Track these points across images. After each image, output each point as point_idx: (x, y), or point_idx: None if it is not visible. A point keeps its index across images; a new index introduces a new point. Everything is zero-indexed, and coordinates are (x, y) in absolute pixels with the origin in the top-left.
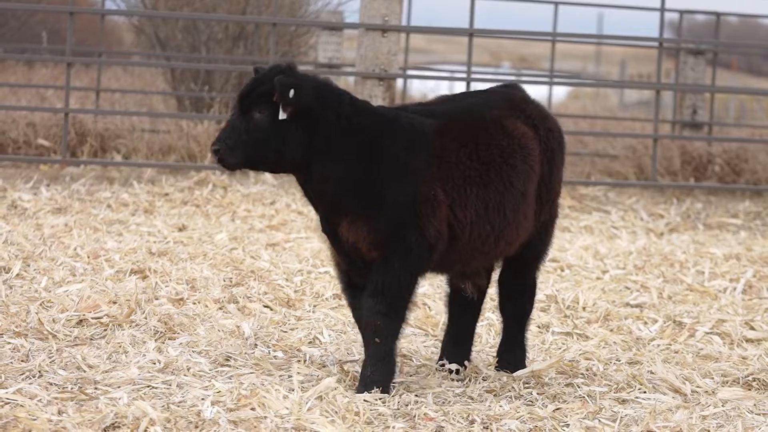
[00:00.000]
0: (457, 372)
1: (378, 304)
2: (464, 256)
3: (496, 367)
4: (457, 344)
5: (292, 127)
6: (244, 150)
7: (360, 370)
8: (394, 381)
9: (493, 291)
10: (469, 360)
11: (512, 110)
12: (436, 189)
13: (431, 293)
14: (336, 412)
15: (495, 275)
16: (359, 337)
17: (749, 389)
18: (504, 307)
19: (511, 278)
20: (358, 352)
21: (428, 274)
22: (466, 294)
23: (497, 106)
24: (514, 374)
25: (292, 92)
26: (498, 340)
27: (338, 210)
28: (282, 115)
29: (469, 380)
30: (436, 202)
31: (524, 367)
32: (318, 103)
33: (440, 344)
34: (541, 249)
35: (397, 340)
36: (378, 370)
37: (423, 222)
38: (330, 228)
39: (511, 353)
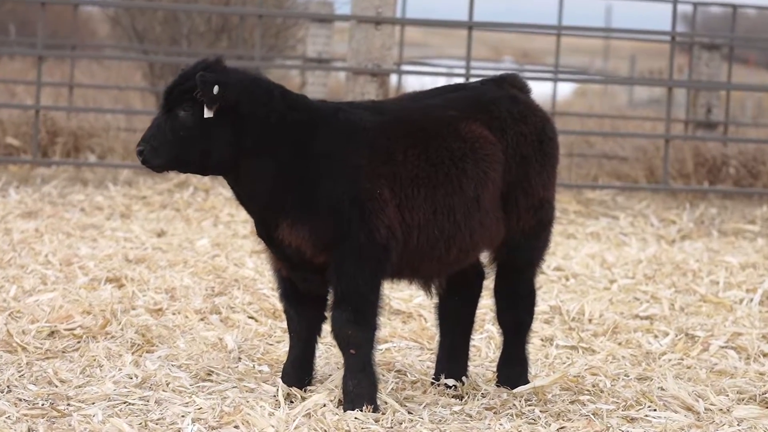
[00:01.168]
0: (454, 388)
1: (344, 313)
2: (412, 261)
3: (495, 382)
4: (452, 358)
5: (219, 125)
6: (168, 150)
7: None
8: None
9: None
10: (466, 375)
11: (474, 112)
12: (382, 187)
13: (427, 304)
14: (325, 431)
15: (490, 284)
16: None
17: (766, 407)
18: (501, 319)
19: (505, 288)
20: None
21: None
22: (430, 297)
23: (456, 108)
24: (515, 390)
25: (216, 88)
26: (498, 353)
27: (273, 212)
28: (207, 114)
29: (467, 397)
30: (381, 201)
31: (526, 382)
32: (246, 99)
33: (435, 358)
34: (533, 257)
35: (373, 348)
36: (360, 383)
37: (370, 220)
38: (266, 232)
39: (511, 368)
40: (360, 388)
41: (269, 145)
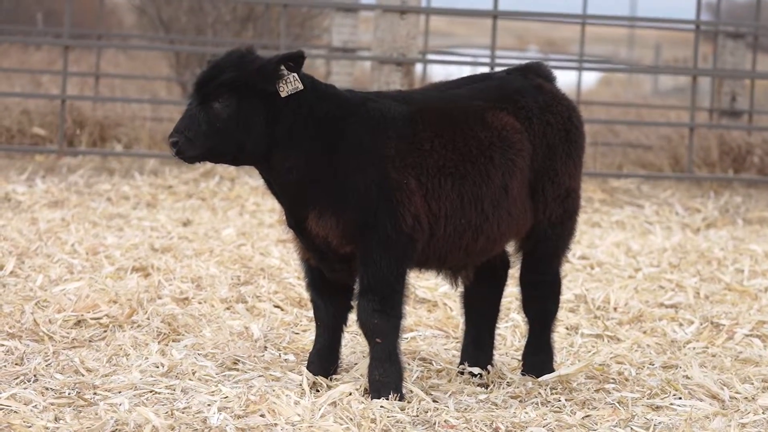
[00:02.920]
0: (480, 376)
1: (370, 302)
2: (440, 251)
3: (521, 371)
4: (477, 347)
5: (255, 116)
6: (204, 142)
7: (367, 376)
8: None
9: (516, 291)
10: (491, 364)
11: (499, 102)
12: (408, 177)
13: (452, 292)
14: (351, 419)
15: (515, 272)
16: None
17: None
18: (527, 308)
19: (530, 276)
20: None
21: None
22: (455, 288)
23: (482, 98)
24: (540, 379)
25: (293, 76)
26: (523, 342)
27: (303, 203)
28: (284, 93)
29: (493, 385)
30: (408, 190)
31: (551, 371)
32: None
33: (461, 347)
34: (559, 246)
35: (399, 337)
36: (386, 372)
37: (397, 209)
38: (296, 222)
39: (537, 356)
40: (386, 377)
41: (301, 135)
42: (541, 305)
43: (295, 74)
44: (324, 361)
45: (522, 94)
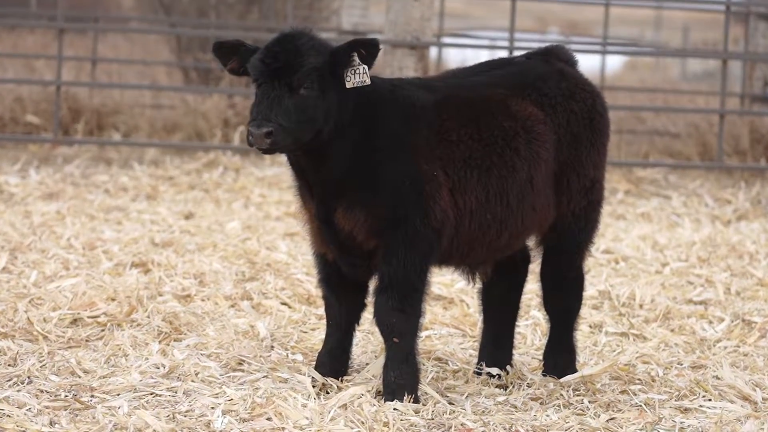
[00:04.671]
0: (498, 377)
1: (389, 300)
2: (462, 247)
3: (542, 371)
4: (496, 346)
5: (334, 104)
6: (301, 130)
7: (382, 377)
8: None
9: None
10: (510, 364)
11: (521, 89)
12: (438, 169)
13: (469, 289)
14: (363, 423)
15: (535, 267)
16: None
17: None
18: (548, 305)
19: (552, 272)
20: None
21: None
22: (472, 284)
23: (504, 85)
24: (562, 380)
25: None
26: (544, 341)
27: (337, 194)
28: (357, 82)
29: (512, 386)
30: (437, 183)
31: (574, 371)
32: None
33: (478, 346)
34: (582, 239)
35: (417, 336)
36: (402, 373)
37: (427, 204)
38: (326, 214)
39: (558, 356)
40: (402, 379)
41: (353, 125)
42: (563, 302)
43: (366, 67)
44: (335, 361)
45: (545, 81)
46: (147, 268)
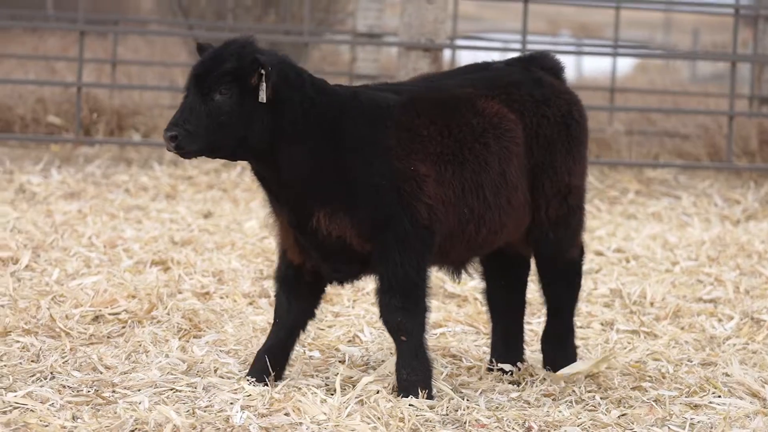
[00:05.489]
0: (511, 373)
1: (392, 300)
2: (443, 244)
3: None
4: (507, 343)
5: (259, 110)
6: (205, 136)
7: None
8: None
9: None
10: (522, 360)
11: (490, 91)
12: (415, 163)
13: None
14: (378, 418)
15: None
16: None
17: None
18: (544, 298)
19: (541, 271)
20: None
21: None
22: (458, 281)
23: (473, 86)
24: (557, 373)
25: (273, 72)
26: None
27: (308, 201)
28: (262, 97)
29: (525, 383)
30: (419, 178)
31: (569, 364)
32: (283, 82)
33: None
34: (563, 245)
35: (425, 332)
36: (414, 370)
37: (410, 202)
38: (298, 220)
39: (552, 349)
40: (414, 375)
41: (304, 130)
42: (556, 296)
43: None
44: (272, 359)
45: (517, 87)
46: (167, 266)
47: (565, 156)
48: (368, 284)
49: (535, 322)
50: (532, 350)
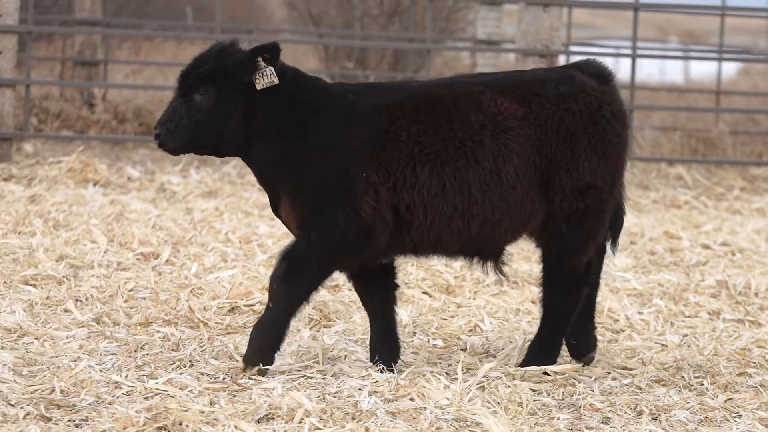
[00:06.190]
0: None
1: (278, 268)
2: (429, 238)
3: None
4: (579, 335)
5: (233, 108)
6: (185, 134)
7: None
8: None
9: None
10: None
11: (504, 88)
12: (370, 170)
13: (535, 274)
14: (498, 403)
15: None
16: (522, 324)
17: None
18: (542, 299)
19: (544, 271)
20: (521, 339)
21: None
22: (484, 272)
23: (488, 84)
24: (523, 368)
25: (269, 70)
26: (667, 327)
27: (278, 194)
28: (263, 83)
29: (636, 369)
30: (368, 183)
31: (543, 364)
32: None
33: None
34: (571, 243)
35: (292, 314)
36: (259, 338)
37: (356, 202)
38: (276, 212)
39: (533, 345)
40: (255, 342)
41: (275, 126)
42: (549, 298)
43: (272, 68)
44: (384, 345)
45: (542, 82)
46: None
47: (589, 153)
48: (488, 277)
49: (645, 312)
50: (644, 338)
